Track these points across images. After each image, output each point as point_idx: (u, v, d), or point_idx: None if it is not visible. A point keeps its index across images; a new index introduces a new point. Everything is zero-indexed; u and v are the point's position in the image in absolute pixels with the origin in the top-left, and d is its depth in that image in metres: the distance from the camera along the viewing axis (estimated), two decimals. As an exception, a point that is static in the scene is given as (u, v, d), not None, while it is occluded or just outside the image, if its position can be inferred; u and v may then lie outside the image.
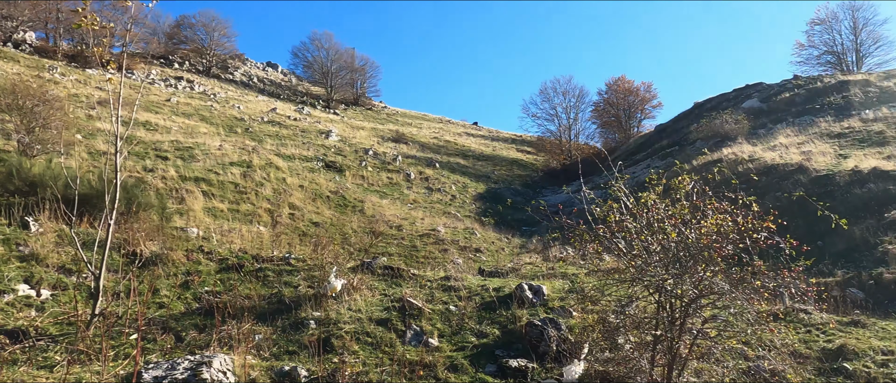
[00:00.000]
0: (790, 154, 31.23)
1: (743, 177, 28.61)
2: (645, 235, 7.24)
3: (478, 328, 9.17)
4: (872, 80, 42.91)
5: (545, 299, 10.09)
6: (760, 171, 29.72)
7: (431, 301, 9.92)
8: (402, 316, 9.11)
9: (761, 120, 41.23)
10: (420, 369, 7.62)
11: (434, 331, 8.93)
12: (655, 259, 6.91)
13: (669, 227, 6.91)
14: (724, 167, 30.11)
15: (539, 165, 50.25)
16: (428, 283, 10.77)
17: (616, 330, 7.80)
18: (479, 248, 24.84)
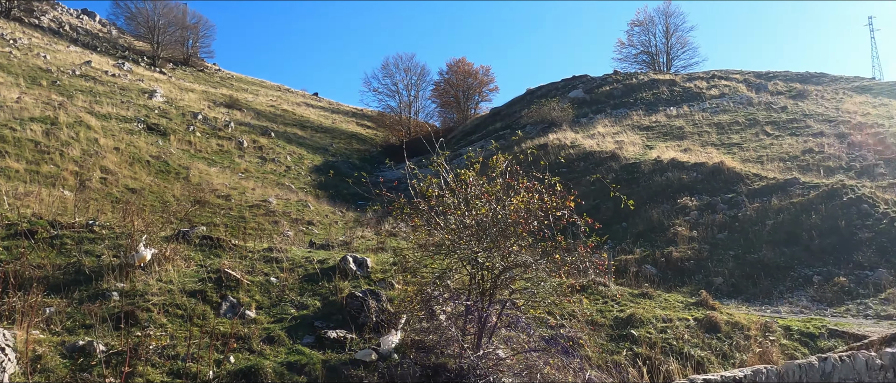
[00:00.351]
0: (606, 142, 34.11)
1: (565, 160, 30.81)
2: (462, 210, 7.59)
3: (299, 300, 9.08)
4: (678, 81, 47.97)
5: (369, 271, 10.23)
6: (580, 156, 32.22)
7: (252, 272, 9.65)
8: (218, 287, 8.78)
9: (584, 109, 44.54)
10: (233, 341, 7.42)
11: (252, 303, 8.71)
12: (468, 233, 7.29)
13: (482, 203, 7.31)
14: (550, 151, 32.30)
15: (379, 140, 50.44)
16: (249, 255, 10.45)
17: (432, 300, 8.12)
18: (312, 221, 24.51)
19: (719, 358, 10.39)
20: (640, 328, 10.90)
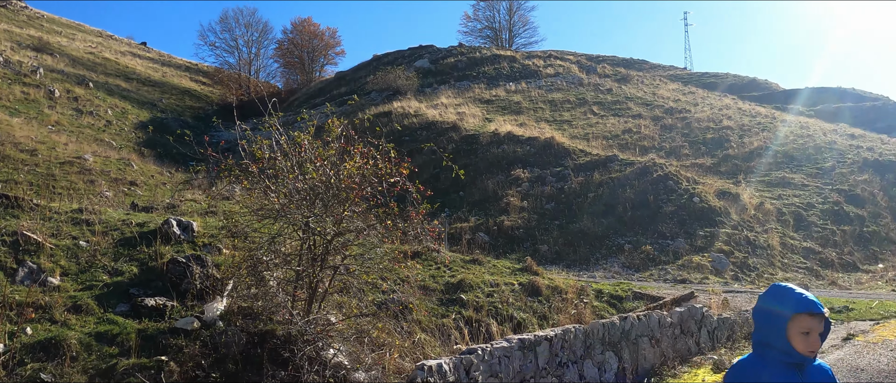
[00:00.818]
0: (448, 113, 34.89)
1: (408, 129, 31.14)
2: (294, 174, 7.41)
3: (112, 265, 8.38)
4: (518, 58, 50.09)
5: (194, 236, 9.68)
6: (423, 125, 32.71)
7: (57, 235, 8.73)
8: (14, 251, 7.86)
9: (429, 79, 45.14)
10: (31, 311, 6.69)
11: (56, 269, 7.90)
12: (300, 197, 7.14)
13: (316, 167, 7.18)
14: (394, 118, 32.40)
15: (215, 98, 47.56)
16: (55, 216, 9.45)
17: (261, 265, 7.88)
18: (136, 182, 22.68)
19: (539, 319, 11.18)
20: (469, 292, 11.39)
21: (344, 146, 7.41)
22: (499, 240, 20.33)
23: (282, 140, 7.53)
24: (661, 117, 36.81)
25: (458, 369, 4.96)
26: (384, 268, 9.34)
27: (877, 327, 10.69)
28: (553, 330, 6.47)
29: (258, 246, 8.12)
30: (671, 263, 18.84)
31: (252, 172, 7.35)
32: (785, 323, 2.25)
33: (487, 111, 36.67)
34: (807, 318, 2.26)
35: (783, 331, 2.25)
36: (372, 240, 7.88)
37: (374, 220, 7.57)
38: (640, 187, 23.44)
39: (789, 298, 2.30)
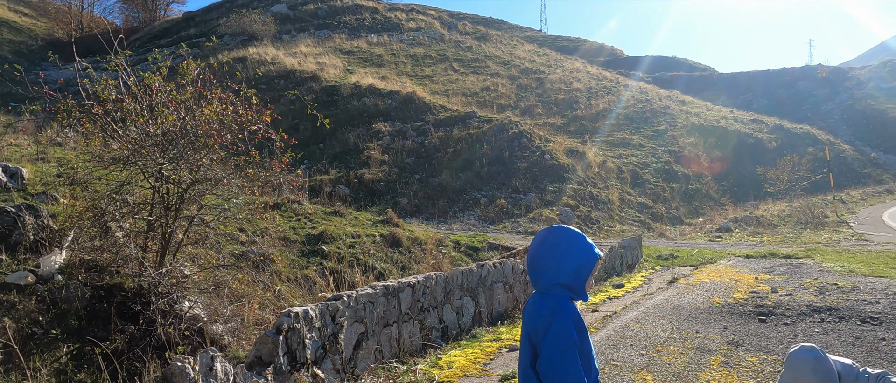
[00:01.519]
0: (308, 62, 33.83)
1: (265, 76, 29.83)
2: (145, 118, 6.92)
3: (-76, 215, 7.42)
4: (380, 9, 49.34)
5: (25, 183, 8.78)
6: (281, 74, 31.49)
7: None
8: None
9: (287, 26, 43.33)
10: None
11: None
12: (152, 143, 6.70)
13: (170, 111, 6.76)
14: (249, 65, 30.85)
15: (40, 33, 42.48)
16: None
17: (107, 216, 7.35)
18: (-56, 123, 19.91)
19: (400, 269, 11.44)
20: (331, 244, 11.38)
21: (201, 90, 7.02)
22: (360, 192, 20.32)
23: (130, 81, 6.98)
24: (518, 77, 38.21)
25: (324, 315, 5.01)
26: (243, 218, 9.08)
27: (695, 271, 12.09)
28: (415, 277, 6.68)
29: (102, 195, 7.55)
30: (523, 216, 19.90)
31: (96, 115, 6.76)
32: (591, 269, 2.40)
33: (348, 62, 36.01)
34: (598, 262, 2.43)
35: (587, 277, 2.40)
36: (231, 189, 7.61)
37: (234, 169, 7.30)
38: (497, 144, 24.36)
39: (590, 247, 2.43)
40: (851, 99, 44.30)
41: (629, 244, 13.62)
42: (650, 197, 24.64)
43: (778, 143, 33.26)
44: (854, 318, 7.37)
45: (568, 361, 2.22)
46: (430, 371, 5.71)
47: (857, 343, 6.33)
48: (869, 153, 36.66)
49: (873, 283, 9.59)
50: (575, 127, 31.46)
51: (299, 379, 4.53)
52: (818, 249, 14.85)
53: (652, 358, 6.03)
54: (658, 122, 33.79)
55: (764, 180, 27.84)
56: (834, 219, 21.50)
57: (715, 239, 18.96)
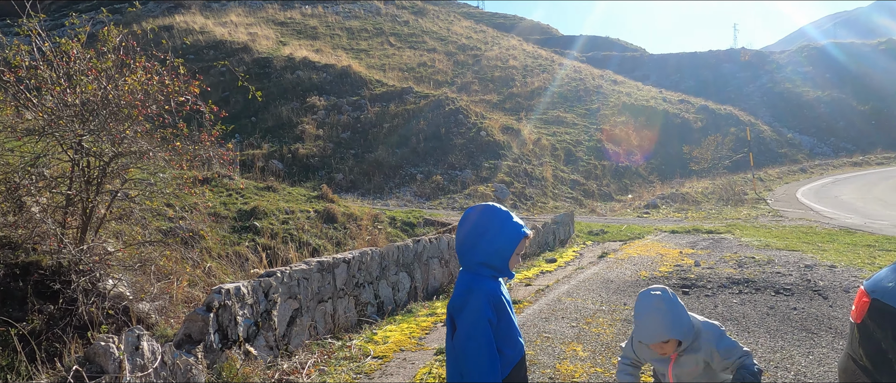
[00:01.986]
0: (239, 33, 32.73)
1: (193, 46, 28.72)
2: (62, 86, 6.54)
3: None
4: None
5: (-72, 155, 8.17)
6: (210, 44, 30.37)
7: None
8: None
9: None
10: None
11: None
12: (71, 113, 6.34)
13: (90, 80, 6.41)
14: (176, 34, 29.60)
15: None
16: None
17: (21, 190, 6.94)
18: None
19: (335, 245, 11.33)
20: (264, 220, 11.14)
21: (123, 58, 6.68)
22: (294, 168, 19.94)
23: (45, 47, 6.57)
24: (455, 53, 38.16)
25: (257, 291, 4.91)
26: (171, 193, 8.77)
27: (624, 246, 12.50)
28: (351, 253, 6.63)
29: (16, 168, 7.13)
30: (459, 192, 20.03)
31: (8, 83, 6.34)
32: (513, 248, 2.40)
33: (282, 34, 35.06)
34: (524, 241, 2.43)
35: (509, 255, 2.39)
36: (157, 163, 7.32)
37: (160, 142, 7.02)
38: (434, 120, 24.33)
39: (515, 226, 2.42)
40: (771, 82, 46.43)
41: (562, 220, 13.93)
42: (582, 174, 25.24)
43: (703, 123, 34.58)
44: (769, 290, 7.80)
45: (479, 337, 2.27)
46: (365, 346, 5.71)
47: (772, 312, 6.70)
48: (786, 133, 38.61)
49: (787, 257, 10.16)
50: (511, 104, 31.77)
51: (231, 357, 4.44)
52: (738, 225, 15.59)
53: (582, 330, 6.22)
54: (591, 101, 34.52)
55: (689, 159, 28.96)
56: (753, 196, 22.60)
57: (643, 215, 19.62)
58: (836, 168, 31.68)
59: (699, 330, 2.44)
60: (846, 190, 22.52)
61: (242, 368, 4.45)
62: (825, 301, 7.15)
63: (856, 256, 10.02)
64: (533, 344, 5.77)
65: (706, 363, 2.40)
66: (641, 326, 2.42)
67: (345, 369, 5.08)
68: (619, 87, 38.75)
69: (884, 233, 12.69)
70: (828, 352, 5.31)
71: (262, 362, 4.78)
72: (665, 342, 2.37)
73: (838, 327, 6.05)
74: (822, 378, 4.71)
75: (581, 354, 5.44)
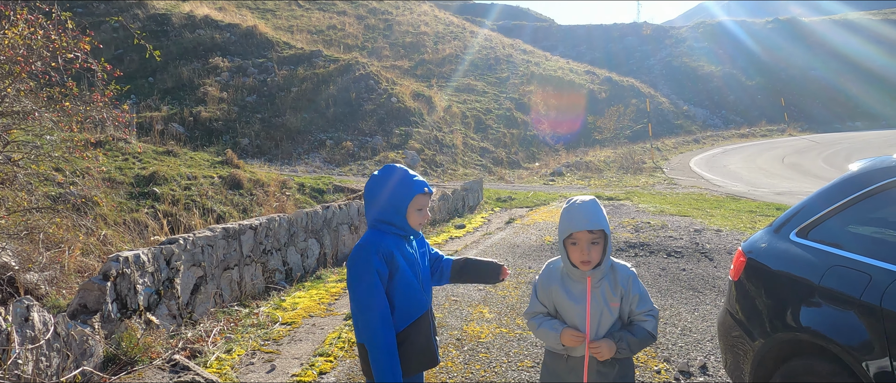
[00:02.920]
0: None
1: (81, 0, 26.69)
2: (-70, 38, 5.94)
3: None
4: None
5: None
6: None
7: None
8: None
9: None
10: None
11: None
12: (-59, 67, 5.79)
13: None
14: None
15: None
16: None
17: None
18: None
19: (241, 212, 11.03)
20: (164, 185, 10.67)
21: (2, 9, 6.13)
22: (196, 132, 19.10)
23: None
24: (365, 17, 37.47)
25: (158, 259, 4.73)
26: (59, 157, 8.24)
27: (530, 213, 12.90)
28: (258, 219, 6.48)
29: None
30: (370, 159, 19.91)
31: None
32: (407, 202, 2.47)
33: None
34: (421, 197, 2.50)
35: (404, 209, 2.47)
36: (44, 124, 6.84)
37: (47, 102, 6.54)
38: (343, 85, 23.92)
39: (409, 180, 2.49)
40: (670, 55, 48.64)
41: (471, 187, 14.17)
42: (492, 142, 25.66)
43: (607, 95, 35.86)
44: (662, 253, 8.31)
45: (362, 286, 2.38)
46: (273, 313, 5.64)
47: (664, 273, 7.16)
48: (682, 106, 40.70)
49: (679, 222, 10.83)
50: (422, 71, 31.68)
51: (131, 327, 4.28)
52: (636, 192, 16.41)
53: (489, 293, 6.41)
54: (502, 70, 34.97)
55: (594, 128, 30.05)
56: (651, 165, 23.81)
57: (549, 182, 20.26)
58: (726, 139, 33.82)
59: (617, 263, 2.44)
60: (734, 160, 24.12)
61: (144, 338, 4.30)
62: (711, 262, 7.70)
63: (739, 221, 10.82)
64: (441, 307, 5.90)
65: (621, 298, 2.38)
66: (571, 215, 2.35)
67: (252, 336, 5.01)
68: (528, 56, 39.43)
69: (764, 200, 13.74)
70: (711, 309, 5.75)
71: (165, 331, 4.64)
72: (593, 233, 2.31)
73: (720, 286, 6.55)
74: (704, 332, 5.10)
75: (487, 316, 5.62)
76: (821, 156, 23.06)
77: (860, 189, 2.85)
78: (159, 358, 4.22)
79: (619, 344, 2.31)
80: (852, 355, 2.39)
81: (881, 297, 2.34)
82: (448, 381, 4.14)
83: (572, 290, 2.41)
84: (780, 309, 2.89)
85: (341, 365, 4.43)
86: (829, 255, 2.75)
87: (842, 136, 31.07)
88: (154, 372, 3.98)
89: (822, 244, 2.86)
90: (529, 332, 5.14)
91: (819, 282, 2.68)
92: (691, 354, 4.61)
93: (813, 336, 2.63)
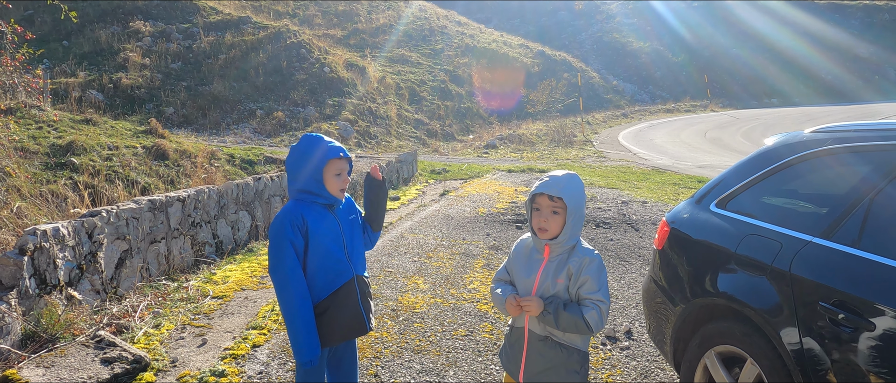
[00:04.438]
0: (45, -57, 28.69)
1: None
2: None
3: None
4: None
5: None
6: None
7: None
8: None
9: None
10: None
11: None
12: None
13: None
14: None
15: None
16: None
17: None
18: None
19: (167, 183, 10.64)
20: (83, 155, 10.16)
21: None
22: (116, 99, 18.22)
23: None
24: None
25: (79, 232, 4.52)
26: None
27: (464, 185, 13.02)
28: (186, 191, 6.28)
29: None
30: (301, 129, 19.52)
31: None
32: (322, 168, 2.48)
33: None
34: (337, 162, 2.51)
35: (320, 176, 2.48)
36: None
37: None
38: (274, 53, 23.27)
39: (323, 145, 2.50)
40: (601, 31, 49.57)
41: (405, 159, 14.14)
42: (427, 114, 25.61)
43: (540, 68, 36.30)
44: (591, 224, 8.57)
45: (274, 255, 2.43)
46: (203, 286, 5.52)
47: (592, 244, 7.40)
48: (612, 81, 41.69)
49: (607, 194, 11.18)
50: (355, 40, 31.15)
51: (51, 303, 4.10)
52: (567, 165, 16.80)
53: (424, 264, 6.47)
54: (436, 42, 34.78)
55: (527, 102, 30.40)
56: (581, 139, 24.37)
57: (483, 155, 20.46)
58: (653, 114, 34.94)
59: (583, 247, 2.38)
60: (659, 134, 24.99)
61: (65, 314, 4.13)
62: (636, 232, 8.01)
63: (664, 193, 11.26)
64: (376, 279, 5.92)
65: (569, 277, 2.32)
66: (540, 181, 2.35)
67: (182, 310, 4.89)
68: (463, 28, 39.35)
69: (687, 173, 14.34)
70: (636, 277, 6.00)
71: (88, 306, 4.47)
72: (553, 201, 2.28)
73: (645, 255, 6.84)
74: (630, 299, 5.33)
75: (422, 287, 5.68)
76: (740, 131, 24.18)
77: (773, 163, 3.03)
78: (83, 334, 4.07)
79: (548, 307, 2.28)
80: (763, 317, 2.56)
81: (790, 263, 2.51)
82: (383, 350, 4.19)
83: (529, 261, 2.44)
84: (700, 275, 3.06)
85: (275, 338, 4.40)
86: (744, 225, 2.93)
87: (759, 113, 32.64)
88: (77, 348, 3.84)
89: (738, 214, 3.04)
90: (463, 302, 5.24)
91: (735, 249, 2.85)
92: (617, 320, 4.82)
93: (729, 300, 2.80)
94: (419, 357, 4.12)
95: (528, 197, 2.42)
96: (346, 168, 2.57)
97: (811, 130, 3.02)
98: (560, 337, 2.37)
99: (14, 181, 8.57)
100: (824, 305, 2.29)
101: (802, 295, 2.42)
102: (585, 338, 2.42)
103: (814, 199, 2.89)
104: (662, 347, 3.37)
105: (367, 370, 3.89)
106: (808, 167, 2.90)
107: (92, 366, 3.67)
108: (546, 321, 2.32)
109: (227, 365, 3.92)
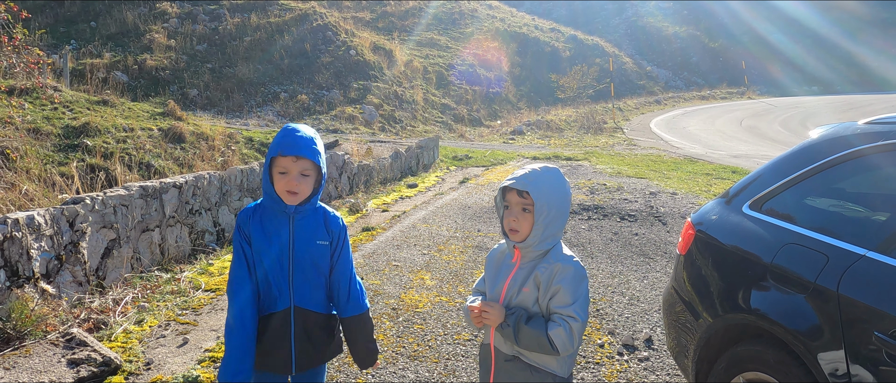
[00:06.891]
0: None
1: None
2: None
3: None
4: None
5: None
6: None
7: None
8: None
9: None
10: None
11: None
12: None
13: None
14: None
15: None
16: None
17: None
18: None
19: (180, 167, 10.44)
20: (97, 137, 10.00)
21: None
22: (140, 81, 18.18)
23: None
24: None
25: (59, 220, 4.25)
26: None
27: (486, 172, 12.60)
28: (184, 177, 6.01)
29: None
30: (325, 113, 19.27)
31: None
32: (267, 164, 2.07)
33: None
34: (282, 160, 2.02)
35: (267, 174, 2.07)
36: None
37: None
38: (299, 35, 23.01)
39: (277, 138, 2.05)
40: (635, 15, 48.32)
41: (426, 144, 13.76)
42: (454, 98, 25.16)
43: (571, 53, 35.49)
44: (615, 216, 8.10)
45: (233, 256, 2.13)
46: (197, 278, 5.23)
47: (615, 238, 6.95)
48: (645, 66, 40.63)
49: (635, 184, 10.65)
50: (384, 23, 30.76)
51: (23, 296, 3.84)
52: (595, 152, 16.24)
53: (433, 258, 6.10)
54: (466, 25, 34.20)
55: (557, 87, 29.72)
56: (611, 125, 23.68)
57: (509, 141, 19.96)
58: (687, 100, 33.91)
59: (560, 253, 1.98)
60: (693, 121, 24.16)
61: (38, 308, 3.87)
62: (664, 226, 7.52)
63: (695, 184, 10.70)
64: (380, 273, 5.57)
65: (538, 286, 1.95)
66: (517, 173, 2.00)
67: (170, 304, 4.61)
68: (494, 11, 38.67)
69: (721, 163, 13.69)
70: (660, 276, 5.54)
71: (66, 300, 4.20)
72: (523, 198, 1.94)
73: (672, 251, 6.36)
74: (653, 302, 4.89)
75: (428, 283, 5.32)
76: (778, 120, 23.23)
77: (820, 159, 2.56)
78: (55, 331, 3.80)
79: (508, 319, 1.92)
80: (803, 344, 2.13)
81: (838, 282, 2.07)
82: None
83: (500, 267, 2.09)
84: (728, 288, 2.62)
85: (262, 338, 4.08)
86: (783, 231, 2.47)
87: (798, 100, 31.43)
88: (45, 347, 3.57)
89: (776, 218, 2.58)
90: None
91: (771, 260, 2.41)
92: (637, 326, 4.39)
93: (761, 319, 2.37)
94: (415, 364, 3.77)
95: (498, 192, 2.04)
96: (294, 168, 2.03)
97: (866, 121, 2.54)
98: (530, 358, 1.98)
99: (25, 163, 8.43)
100: (881, 337, 1.86)
101: (853, 322, 1.98)
102: (565, 361, 1.99)
103: (868, 204, 2.43)
104: (683, 365, 2.95)
105: (356, 378, 3.55)
106: (863, 165, 2.42)
107: (56, 368, 3.39)
108: (506, 335, 1.96)
109: (204, 369, 3.61)
